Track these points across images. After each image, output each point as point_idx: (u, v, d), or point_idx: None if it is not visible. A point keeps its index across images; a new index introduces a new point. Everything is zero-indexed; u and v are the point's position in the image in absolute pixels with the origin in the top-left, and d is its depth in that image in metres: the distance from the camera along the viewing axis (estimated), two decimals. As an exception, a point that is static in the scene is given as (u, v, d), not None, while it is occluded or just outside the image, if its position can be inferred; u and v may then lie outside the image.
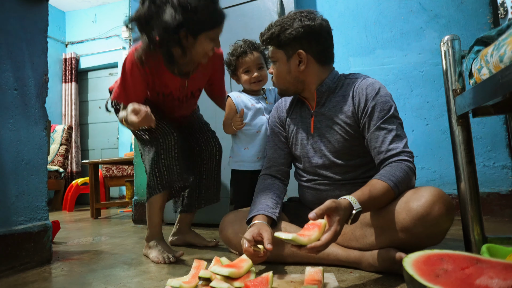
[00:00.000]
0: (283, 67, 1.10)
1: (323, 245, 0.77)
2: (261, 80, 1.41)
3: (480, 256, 0.59)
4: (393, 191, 0.90)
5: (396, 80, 2.03)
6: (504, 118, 1.83)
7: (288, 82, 1.12)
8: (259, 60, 1.39)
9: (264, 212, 1.06)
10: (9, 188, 1.23)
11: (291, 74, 1.10)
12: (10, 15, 1.29)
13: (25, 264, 1.22)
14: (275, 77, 1.14)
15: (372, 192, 0.88)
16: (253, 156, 1.40)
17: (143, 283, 0.99)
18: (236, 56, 1.39)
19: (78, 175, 4.84)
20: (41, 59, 1.40)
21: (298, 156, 1.19)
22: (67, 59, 5.08)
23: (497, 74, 0.64)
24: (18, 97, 1.30)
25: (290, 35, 1.05)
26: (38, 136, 1.36)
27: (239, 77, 1.43)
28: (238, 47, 1.40)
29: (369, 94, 1.03)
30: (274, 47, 1.10)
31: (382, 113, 1.00)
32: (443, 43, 0.98)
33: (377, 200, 0.89)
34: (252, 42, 1.41)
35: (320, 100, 1.12)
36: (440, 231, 0.87)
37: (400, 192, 0.92)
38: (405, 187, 0.93)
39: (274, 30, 1.08)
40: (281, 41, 1.07)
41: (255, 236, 0.96)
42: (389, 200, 0.92)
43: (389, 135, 0.98)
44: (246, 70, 1.39)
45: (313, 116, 1.13)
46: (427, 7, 1.99)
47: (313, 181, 1.15)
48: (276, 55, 1.10)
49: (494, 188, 1.82)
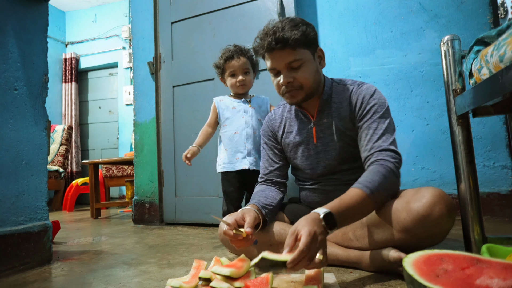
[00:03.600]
0: (312, 65, 1.03)
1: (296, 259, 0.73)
2: (245, 84, 1.48)
3: (480, 256, 0.58)
4: (368, 197, 0.86)
5: (396, 80, 2.03)
6: (504, 118, 1.83)
7: (316, 82, 1.05)
8: (246, 65, 1.46)
9: (255, 203, 1.06)
10: (9, 188, 1.23)
11: (318, 73, 1.06)
12: (10, 15, 1.29)
13: (25, 264, 1.22)
14: (307, 79, 1.02)
15: (343, 199, 0.85)
16: (232, 157, 1.46)
17: (143, 283, 0.99)
18: (224, 59, 1.46)
19: (78, 175, 4.84)
20: (41, 59, 1.40)
21: (300, 168, 1.18)
22: (67, 59, 5.08)
23: (497, 74, 0.64)
24: (18, 97, 1.30)
25: (315, 35, 1.03)
26: (38, 136, 1.36)
27: (226, 80, 1.51)
28: (227, 51, 1.46)
29: (365, 97, 1.04)
30: (300, 48, 0.99)
31: (375, 114, 1.01)
32: (443, 43, 0.98)
33: (352, 207, 0.84)
34: (241, 47, 1.47)
35: (322, 108, 1.11)
36: (440, 231, 0.87)
37: (378, 197, 0.87)
38: (385, 190, 0.89)
39: (301, 30, 0.98)
40: (310, 40, 1.01)
41: (238, 220, 0.96)
42: (367, 207, 0.87)
43: (376, 133, 0.98)
44: (232, 73, 1.47)
45: (315, 126, 1.12)
46: (427, 7, 1.99)
47: (319, 183, 1.15)
48: (305, 56, 1.01)
49: (494, 188, 1.82)
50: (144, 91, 2.50)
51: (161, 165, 2.38)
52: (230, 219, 0.97)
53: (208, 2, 2.23)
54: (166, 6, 2.41)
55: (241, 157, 1.46)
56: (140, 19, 2.54)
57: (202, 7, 2.25)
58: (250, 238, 0.93)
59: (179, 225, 2.21)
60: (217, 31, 2.18)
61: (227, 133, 1.49)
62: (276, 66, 1.02)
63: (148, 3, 2.51)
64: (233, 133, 1.48)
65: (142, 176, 2.46)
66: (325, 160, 1.12)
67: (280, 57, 1.00)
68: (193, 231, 1.94)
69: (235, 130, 1.48)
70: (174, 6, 2.37)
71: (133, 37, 2.56)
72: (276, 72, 1.04)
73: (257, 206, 1.05)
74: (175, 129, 2.31)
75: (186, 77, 2.28)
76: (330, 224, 0.80)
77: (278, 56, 1.00)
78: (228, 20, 2.17)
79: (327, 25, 2.18)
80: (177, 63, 2.33)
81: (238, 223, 0.96)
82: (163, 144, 2.36)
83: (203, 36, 2.24)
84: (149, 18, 2.49)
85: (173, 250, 1.44)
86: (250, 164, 1.45)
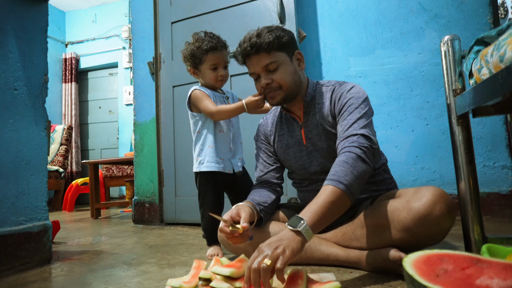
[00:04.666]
0: (289, 67, 1.07)
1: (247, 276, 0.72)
2: (225, 80, 1.36)
3: (480, 256, 0.58)
4: (337, 188, 0.84)
5: (396, 80, 2.03)
6: (504, 118, 1.83)
7: (295, 83, 1.09)
8: (227, 59, 1.35)
9: (249, 201, 1.07)
10: (9, 188, 1.23)
11: (297, 74, 1.09)
12: (10, 15, 1.29)
13: (25, 264, 1.22)
14: (283, 80, 1.06)
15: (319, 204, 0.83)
16: (216, 156, 1.31)
17: (143, 283, 0.99)
18: (205, 49, 1.29)
19: (78, 175, 4.84)
20: (41, 59, 1.40)
21: (294, 169, 1.20)
22: (67, 59, 5.08)
23: (497, 74, 0.64)
24: (18, 97, 1.30)
25: (289, 38, 1.07)
26: (38, 136, 1.35)
27: (203, 72, 1.34)
28: (206, 40, 1.30)
29: (344, 93, 1.07)
30: (275, 51, 1.04)
31: (351, 107, 1.02)
32: (443, 43, 0.98)
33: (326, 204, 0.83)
34: (218, 37, 1.35)
35: (307, 110, 1.14)
36: (440, 230, 0.87)
37: (350, 183, 0.85)
38: (356, 179, 0.86)
39: (274, 34, 1.03)
40: (284, 43, 1.05)
41: (233, 216, 0.97)
42: (341, 198, 0.84)
43: (348, 123, 0.99)
44: (214, 67, 1.32)
45: (303, 128, 1.14)
46: (427, 7, 1.99)
47: (314, 183, 1.15)
48: (280, 58, 1.05)
49: (494, 188, 1.82)
50: (144, 91, 2.50)
51: (161, 165, 2.38)
52: (226, 216, 0.97)
53: (208, 2, 2.23)
54: (166, 6, 2.41)
55: (226, 158, 1.35)
56: (140, 19, 2.54)
57: (202, 7, 2.25)
58: (246, 233, 0.93)
59: (179, 225, 2.21)
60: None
61: (211, 130, 1.34)
62: (254, 70, 1.07)
63: (148, 3, 2.51)
64: (217, 131, 1.35)
65: (142, 176, 2.46)
66: (317, 159, 1.13)
67: (256, 61, 1.05)
68: (193, 231, 1.94)
69: (220, 128, 1.35)
70: (174, 6, 2.37)
71: (133, 37, 2.56)
72: (257, 76, 1.09)
73: (252, 203, 1.06)
74: (175, 129, 2.31)
75: (186, 77, 2.28)
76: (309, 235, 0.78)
77: (255, 60, 1.06)
78: (228, 20, 2.17)
79: (327, 25, 2.18)
80: (177, 63, 2.33)
81: (234, 219, 0.97)
82: (163, 144, 2.36)
83: (203, 36, 2.24)
84: (149, 18, 2.49)
85: (173, 250, 1.44)
86: (235, 166, 1.37)
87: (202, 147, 1.34)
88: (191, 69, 1.37)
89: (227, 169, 1.34)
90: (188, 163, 2.23)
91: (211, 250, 1.29)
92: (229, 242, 1.14)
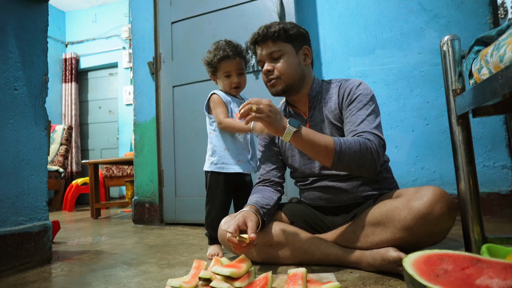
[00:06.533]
0: (293, 59, 1.11)
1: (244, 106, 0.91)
2: (240, 86, 1.40)
3: (480, 256, 0.58)
4: (334, 148, 0.92)
5: (396, 80, 2.03)
6: (504, 118, 1.83)
7: (296, 75, 1.12)
8: (241, 66, 1.39)
9: (253, 204, 1.07)
10: (9, 188, 1.23)
11: (300, 67, 1.13)
12: (10, 15, 1.29)
13: (25, 264, 1.22)
14: (284, 69, 1.10)
15: (317, 133, 0.95)
16: (234, 158, 1.35)
17: (143, 283, 0.99)
18: (218, 58, 1.36)
19: (78, 175, 4.84)
20: (41, 59, 1.40)
21: (299, 166, 1.19)
22: (67, 59, 5.08)
23: (497, 74, 0.64)
24: (18, 97, 1.30)
25: (298, 32, 1.12)
26: (38, 136, 1.36)
27: (219, 79, 1.41)
28: (221, 49, 1.36)
29: (352, 88, 1.10)
30: (281, 41, 1.10)
31: (360, 103, 1.05)
32: (443, 43, 0.98)
33: (317, 140, 0.93)
34: (236, 45, 1.39)
35: (312, 105, 1.16)
36: (441, 230, 0.87)
37: (341, 156, 0.92)
38: (354, 157, 0.93)
39: (282, 26, 1.10)
40: (291, 35, 1.10)
41: (240, 225, 0.96)
42: (326, 152, 0.93)
43: (359, 118, 1.02)
44: (227, 74, 1.38)
45: (308, 123, 1.16)
46: (427, 7, 1.99)
47: (320, 181, 1.15)
48: (285, 48, 1.11)
49: (494, 188, 1.82)
50: (144, 91, 2.50)
51: (161, 165, 2.38)
52: (232, 225, 0.96)
53: (208, 2, 2.23)
54: (166, 6, 2.41)
55: (245, 160, 1.37)
56: (140, 19, 2.54)
57: (202, 7, 2.25)
58: (252, 243, 0.93)
59: (179, 225, 2.21)
60: (217, 31, 2.18)
61: (227, 133, 1.37)
62: (260, 57, 1.14)
63: (148, 3, 2.51)
64: (236, 134, 1.38)
65: (142, 176, 2.46)
66: None
67: (263, 49, 1.12)
68: (193, 231, 1.94)
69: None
70: (174, 6, 2.37)
71: (133, 37, 2.56)
72: (262, 64, 1.14)
73: (256, 207, 1.06)
74: (175, 129, 2.31)
75: (186, 77, 2.28)
76: (293, 124, 0.91)
77: (261, 48, 1.13)
78: (228, 20, 2.17)
79: (327, 25, 2.18)
80: (177, 63, 2.33)
81: (240, 228, 0.96)
82: (163, 144, 2.36)
83: (203, 36, 2.24)
84: (149, 18, 2.50)
85: (173, 250, 1.44)
86: (253, 169, 1.39)
87: (217, 148, 1.38)
88: (211, 76, 1.45)
89: (247, 170, 1.37)
90: (188, 163, 2.23)
91: (212, 249, 1.29)
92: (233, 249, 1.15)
